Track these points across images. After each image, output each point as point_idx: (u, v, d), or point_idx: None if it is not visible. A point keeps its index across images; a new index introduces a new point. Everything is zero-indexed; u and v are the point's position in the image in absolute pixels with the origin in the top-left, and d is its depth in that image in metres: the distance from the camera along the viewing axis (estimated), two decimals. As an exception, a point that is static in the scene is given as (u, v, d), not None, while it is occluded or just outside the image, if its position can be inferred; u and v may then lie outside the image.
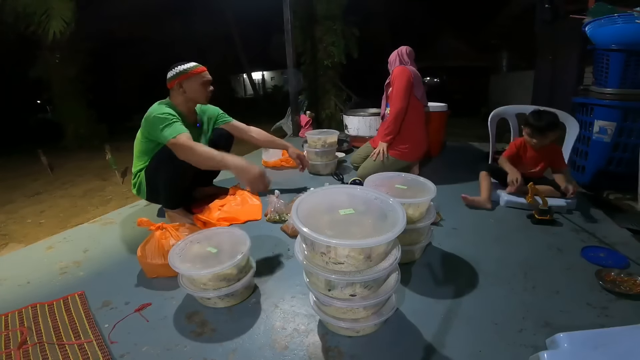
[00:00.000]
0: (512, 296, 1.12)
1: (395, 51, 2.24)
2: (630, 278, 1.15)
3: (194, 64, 1.68)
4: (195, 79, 1.66)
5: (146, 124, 1.59)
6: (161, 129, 1.51)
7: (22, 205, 3.42)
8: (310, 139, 2.48)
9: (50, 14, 5.23)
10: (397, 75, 2.11)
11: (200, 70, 1.68)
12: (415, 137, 2.18)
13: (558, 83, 4.08)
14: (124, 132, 7.45)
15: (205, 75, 1.69)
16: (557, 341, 0.74)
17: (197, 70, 1.66)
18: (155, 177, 1.66)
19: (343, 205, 0.95)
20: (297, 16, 5.13)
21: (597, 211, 1.74)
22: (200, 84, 1.68)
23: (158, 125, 1.52)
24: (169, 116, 1.55)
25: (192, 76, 1.66)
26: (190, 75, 1.65)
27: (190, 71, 1.65)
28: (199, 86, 1.67)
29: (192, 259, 1.13)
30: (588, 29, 2.08)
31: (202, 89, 1.69)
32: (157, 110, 1.57)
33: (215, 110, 1.98)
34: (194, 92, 1.68)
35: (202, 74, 1.68)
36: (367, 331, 0.98)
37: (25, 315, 1.11)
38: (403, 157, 2.17)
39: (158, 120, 1.53)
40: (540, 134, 1.71)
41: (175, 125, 1.54)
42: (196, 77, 1.66)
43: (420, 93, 2.17)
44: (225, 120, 2.01)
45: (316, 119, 5.67)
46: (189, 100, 1.71)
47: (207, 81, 1.70)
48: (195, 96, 1.70)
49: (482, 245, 1.46)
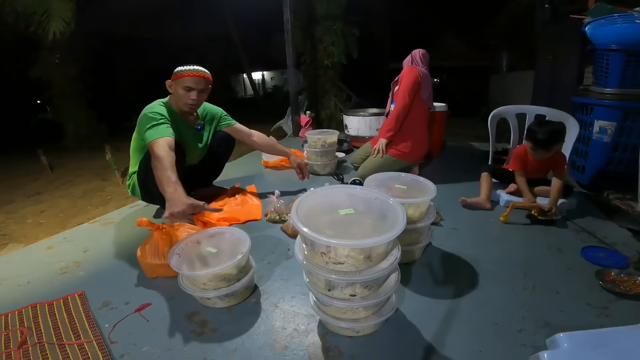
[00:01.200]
0: (512, 296, 1.12)
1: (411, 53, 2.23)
2: (630, 278, 1.15)
3: (187, 68, 1.63)
4: (179, 82, 1.62)
5: (138, 121, 1.58)
6: (146, 129, 1.49)
7: (22, 205, 3.42)
8: (310, 139, 2.49)
9: (50, 14, 5.23)
10: (405, 74, 2.12)
11: (184, 75, 1.61)
12: (417, 138, 2.17)
13: (558, 83, 4.08)
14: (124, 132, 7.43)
15: (186, 81, 1.61)
16: (557, 341, 0.74)
17: (182, 74, 1.61)
18: (146, 179, 1.63)
19: (343, 205, 0.95)
20: (297, 16, 5.12)
21: (597, 211, 1.74)
22: (182, 88, 1.62)
23: (145, 124, 1.51)
24: (158, 116, 1.52)
25: (177, 79, 1.63)
26: (177, 77, 1.63)
27: (178, 73, 1.62)
28: (181, 90, 1.63)
29: (192, 259, 1.13)
30: (588, 29, 2.08)
31: (183, 95, 1.63)
32: (149, 109, 1.56)
33: (218, 112, 1.95)
34: (176, 96, 1.66)
35: (183, 79, 1.61)
36: (367, 331, 0.98)
37: (25, 315, 1.10)
38: (403, 157, 2.17)
39: (146, 119, 1.52)
40: (544, 147, 1.65)
41: (159, 128, 1.49)
42: (180, 80, 1.62)
43: (427, 95, 2.16)
44: (228, 123, 1.97)
45: (316, 119, 5.67)
46: (175, 103, 1.68)
47: (188, 87, 1.62)
48: (177, 100, 1.66)
49: (482, 245, 1.46)
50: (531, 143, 1.68)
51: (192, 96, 1.65)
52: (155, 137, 1.46)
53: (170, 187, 1.31)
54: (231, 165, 2.13)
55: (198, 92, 1.66)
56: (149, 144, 1.47)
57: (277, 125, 5.22)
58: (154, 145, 1.44)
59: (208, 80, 1.70)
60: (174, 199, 1.27)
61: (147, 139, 1.48)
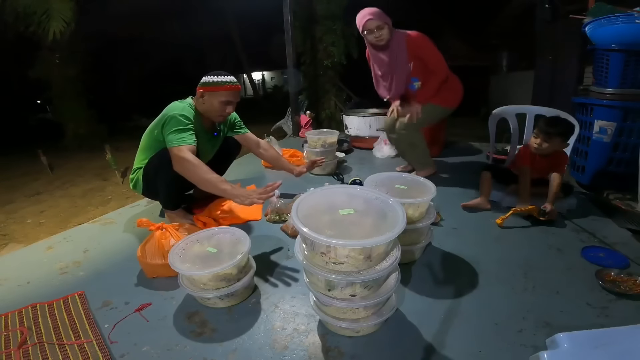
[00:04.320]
0: (512, 296, 1.12)
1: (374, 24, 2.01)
2: (630, 278, 1.15)
3: (227, 80, 1.60)
4: (217, 95, 1.59)
5: (162, 119, 1.54)
6: (172, 131, 1.48)
7: (22, 205, 3.42)
8: (310, 139, 2.48)
9: (50, 14, 5.24)
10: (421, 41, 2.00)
11: (224, 88, 1.59)
12: (456, 84, 2.16)
13: (558, 83, 4.08)
14: (124, 132, 7.47)
15: (227, 95, 1.61)
16: (557, 341, 0.74)
17: (220, 87, 1.59)
18: (154, 177, 1.63)
19: (343, 205, 0.95)
20: (297, 16, 5.12)
21: (597, 211, 1.74)
22: (219, 101, 1.60)
23: (172, 126, 1.49)
24: (186, 121, 1.52)
25: (214, 91, 1.59)
26: (214, 89, 1.59)
27: (216, 86, 1.58)
28: (217, 103, 1.61)
29: (192, 259, 1.13)
30: (588, 29, 2.08)
31: (219, 108, 1.61)
32: (179, 110, 1.53)
33: (232, 116, 1.91)
34: (210, 107, 1.62)
35: (222, 93, 1.59)
36: (367, 331, 0.98)
37: (25, 315, 1.11)
38: (447, 104, 2.14)
39: (175, 122, 1.50)
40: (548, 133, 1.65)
41: (187, 134, 1.50)
42: (217, 93, 1.59)
43: None
44: (241, 131, 1.95)
45: (316, 119, 5.67)
46: (205, 112, 1.66)
47: (227, 101, 1.62)
48: (210, 111, 1.64)
49: (482, 245, 1.46)
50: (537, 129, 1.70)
51: (228, 110, 1.64)
52: (181, 143, 1.47)
53: (226, 185, 1.48)
54: (231, 165, 2.13)
55: (234, 106, 1.67)
56: (173, 147, 1.47)
57: (277, 125, 5.23)
58: (179, 151, 1.46)
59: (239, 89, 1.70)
60: (240, 194, 1.47)
61: (171, 142, 1.47)
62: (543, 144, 1.67)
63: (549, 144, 1.66)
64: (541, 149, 1.68)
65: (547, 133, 1.65)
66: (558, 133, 1.65)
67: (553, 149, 1.68)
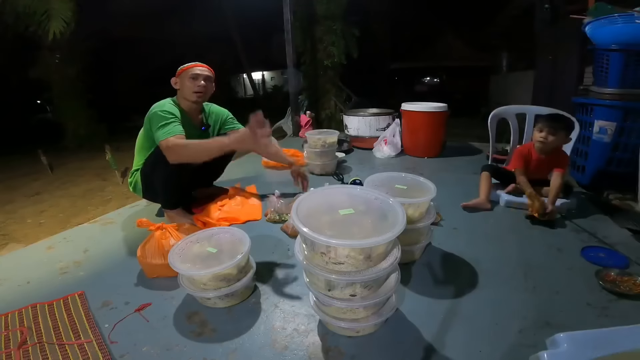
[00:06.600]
0: (512, 296, 1.12)
1: None
2: (630, 278, 1.15)
3: (192, 62, 1.68)
4: (185, 74, 1.66)
5: (147, 118, 1.59)
6: (157, 128, 1.51)
7: (22, 205, 3.42)
8: (310, 139, 2.48)
9: (50, 14, 5.24)
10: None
11: (189, 66, 1.67)
12: None
13: (558, 83, 4.08)
14: (124, 132, 7.45)
15: (193, 70, 1.66)
16: (557, 341, 0.74)
17: (186, 67, 1.67)
18: (152, 176, 1.64)
19: (343, 205, 0.95)
20: (297, 16, 5.13)
21: (597, 211, 1.74)
22: (188, 78, 1.65)
23: (157, 123, 1.52)
24: (168, 115, 1.54)
25: (182, 72, 1.67)
26: (182, 71, 1.67)
27: (183, 67, 1.67)
28: (187, 81, 1.66)
29: (192, 259, 1.13)
30: (588, 29, 2.08)
31: (189, 85, 1.66)
32: (159, 107, 1.57)
33: (224, 113, 1.93)
34: (183, 89, 1.67)
35: (188, 70, 1.66)
36: (367, 331, 0.98)
37: (25, 315, 1.10)
38: None
39: (157, 118, 1.53)
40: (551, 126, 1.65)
41: (170, 126, 1.52)
42: (185, 72, 1.66)
43: None
44: (234, 126, 1.94)
45: (316, 119, 5.66)
46: (184, 99, 1.70)
47: (194, 75, 1.65)
48: (185, 94, 1.68)
49: (482, 245, 1.46)
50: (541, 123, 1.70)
51: (198, 83, 1.67)
52: (168, 136, 1.49)
53: (224, 139, 1.54)
54: (231, 165, 2.13)
55: (204, 79, 1.69)
56: (162, 142, 1.48)
57: (277, 125, 5.22)
58: (167, 142, 1.47)
59: (211, 71, 1.74)
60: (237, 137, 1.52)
61: (159, 138, 1.49)
62: (549, 137, 1.67)
63: (555, 137, 1.67)
64: (546, 143, 1.68)
65: (552, 127, 1.66)
66: (563, 127, 1.67)
67: (557, 143, 1.69)
